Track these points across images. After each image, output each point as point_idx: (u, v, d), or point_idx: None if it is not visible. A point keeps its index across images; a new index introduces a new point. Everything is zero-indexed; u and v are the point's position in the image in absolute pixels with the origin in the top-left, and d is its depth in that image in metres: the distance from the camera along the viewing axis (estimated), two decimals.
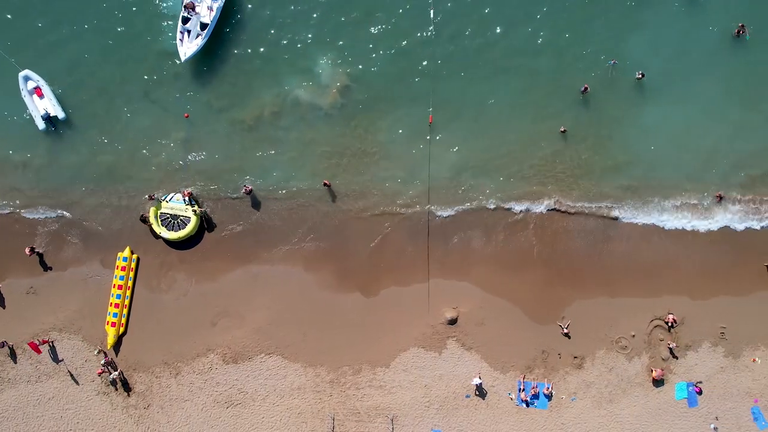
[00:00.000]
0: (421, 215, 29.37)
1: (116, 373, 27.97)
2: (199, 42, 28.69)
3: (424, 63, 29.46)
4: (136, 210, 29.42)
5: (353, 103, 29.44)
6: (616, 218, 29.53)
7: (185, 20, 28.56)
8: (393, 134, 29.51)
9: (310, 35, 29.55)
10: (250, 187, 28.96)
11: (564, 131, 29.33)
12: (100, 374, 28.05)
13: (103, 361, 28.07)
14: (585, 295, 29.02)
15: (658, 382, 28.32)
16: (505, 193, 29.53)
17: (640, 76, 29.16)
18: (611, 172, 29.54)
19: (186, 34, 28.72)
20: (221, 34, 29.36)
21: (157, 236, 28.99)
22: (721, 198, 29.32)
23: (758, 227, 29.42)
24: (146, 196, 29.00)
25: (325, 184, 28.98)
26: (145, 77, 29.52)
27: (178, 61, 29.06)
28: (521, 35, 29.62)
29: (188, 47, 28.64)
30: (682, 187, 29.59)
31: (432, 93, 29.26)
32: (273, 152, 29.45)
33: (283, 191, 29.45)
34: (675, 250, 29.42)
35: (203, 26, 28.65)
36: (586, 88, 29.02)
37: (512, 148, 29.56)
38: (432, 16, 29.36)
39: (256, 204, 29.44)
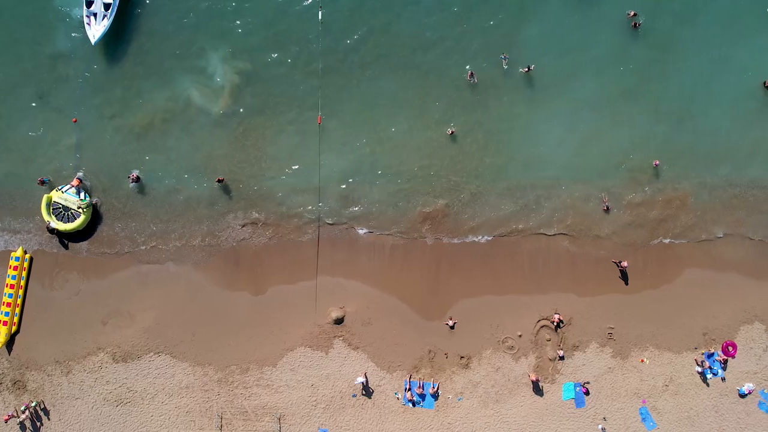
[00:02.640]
0: (311, 215, 29.40)
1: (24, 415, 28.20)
2: (105, 23, 29.01)
3: (314, 64, 29.44)
4: (29, 210, 29.62)
5: (244, 104, 29.45)
6: (506, 217, 29.44)
7: (89, 3, 29.02)
8: (284, 135, 29.52)
9: (202, 38, 29.54)
10: (136, 174, 29.08)
11: (452, 132, 29.27)
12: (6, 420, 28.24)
13: (23, 407, 28.25)
14: (472, 294, 28.99)
15: (536, 386, 28.25)
16: (396, 194, 29.50)
17: (526, 70, 29.06)
18: (501, 171, 29.45)
19: (93, 17, 29.08)
20: (118, 34, 29.42)
21: (51, 230, 29.01)
22: (608, 209, 29.15)
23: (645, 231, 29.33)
24: (37, 181, 29.07)
25: (219, 181, 28.98)
26: (37, 80, 29.57)
27: (71, 61, 29.31)
28: (410, 32, 29.54)
29: (96, 29, 28.97)
30: (568, 188, 29.44)
31: (321, 94, 29.32)
32: (164, 155, 29.49)
33: (175, 192, 29.52)
34: (562, 248, 29.27)
35: (107, 6, 29.02)
36: (471, 74, 28.89)
37: (402, 148, 29.53)
38: (320, 18, 29.38)
39: (146, 203, 29.52)
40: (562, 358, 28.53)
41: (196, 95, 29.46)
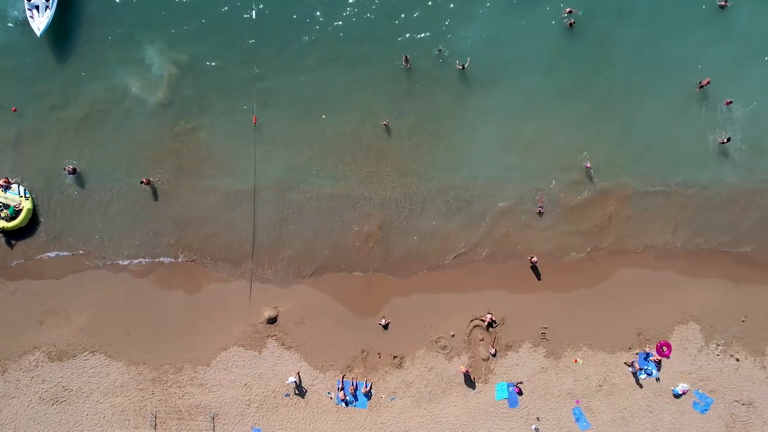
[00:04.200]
0: (246, 214, 29.38)
1: None
2: (49, 14, 29.11)
3: (250, 59, 29.47)
4: None
5: (181, 100, 29.48)
6: (440, 214, 29.40)
7: None
8: (220, 132, 29.52)
9: (140, 30, 29.56)
10: (72, 167, 29.13)
11: (387, 125, 29.19)
12: None
13: None
14: (405, 293, 28.96)
15: (467, 378, 28.17)
16: (333, 191, 29.45)
17: (461, 67, 29.00)
18: (435, 169, 29.38)
19: (35, 10, 29.21)
20: (59, 26, 29.43)
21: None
22: (541, 213, 29.04)
23: (576, 233, 29.19)
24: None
25: (144, 182, 28.96)
26: None
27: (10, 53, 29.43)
28: (346, 25, 29.56)
29: (40, 21, 29.15)
30: (503, 188, 29.36)
31: (256, 92, 29.32)
32: (102, 149, 29.48)
33: (111, 189, 29.48)
34: (497, 248, 29.23)
35: None
36: (406, 58, 28.83)
37: (338, 143, 29.50)
38: (254, 15, 29.39)
39: (83, 200, 29.48)
40: (494, 355, 28.44)
41: (134, 87, 29.44)
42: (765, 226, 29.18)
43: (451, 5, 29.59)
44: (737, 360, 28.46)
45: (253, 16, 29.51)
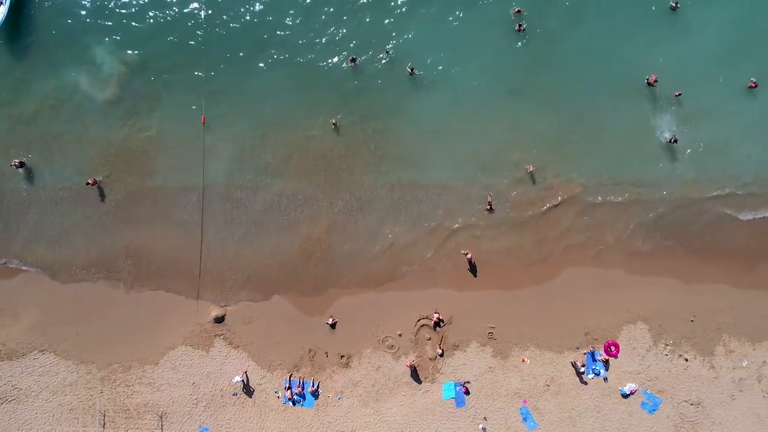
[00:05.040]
0: (195, 212, 29.36)
1: None
2: (3, 10, 29.17)
3: (199, 60, 29.46)
4: None
5: (131, 98, 29.44)
6: (388, 212, 29.35)
7: None
8: (169, 131, 29.50)
9: (92, 28, 29.55)
10: (18, 161, 29.12)
11: (335, 123, 29.12)
12: None
13: None
14: (353, 292, 28.96)
15: (415, 377, 28.11)
16: (282, 190, 29.42)
17: (410, 71, 28.91)
18: (383, 168, 29.30)
19: None
20: (11, 22, 29.50)
21: None
22: (490, 209, 28.94)
23: (524, 231, 29.11)
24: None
25: (90, 183, 28.97)
26: None
27: None
28: (298, 27, 29.45)
29: None
30: (452, 187, 29.27)
31: (205, 92, 29.28)
32: (51, 147, 29.49)
33: (61, 188, 29.52)
34: (444, 245, 29.20)
35: None
36: (353, 59, 28.79)
37: (287, 143, 29.44)
38: (203, 15, 29.36)
39: (32, 199, 29.53)
40: (441, 355, 28.39)
41: (84, 85, 29.43)
42: (713, 225, 28.97)
43: (400, 8, 29.34)
44: (686, 360, 28.31)
45: (202, 16, 29.45)
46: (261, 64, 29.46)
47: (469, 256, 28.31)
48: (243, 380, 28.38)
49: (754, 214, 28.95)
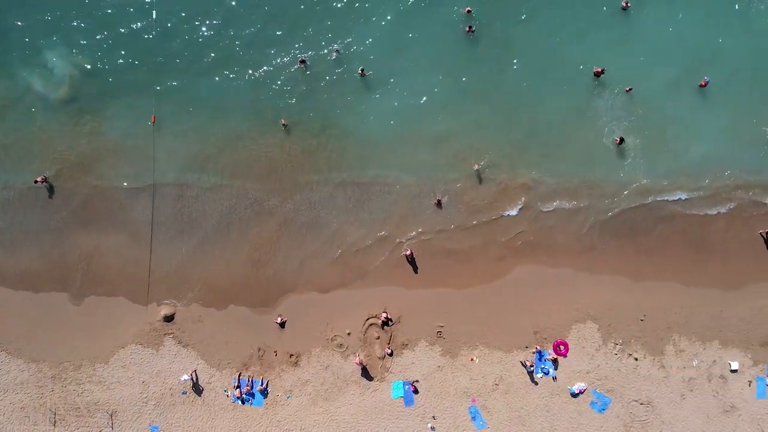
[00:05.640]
0: (145, 211, 29.36)
1: None
2: None
3: (150, 62, 29.46)
4: None
5: (82, 98, 29.37)
6: (339, 212, 29.35)
7: None
8: (119, 130, 29.45)
9: (42, 30, 29.53)
10: None
11: (285, 124, 29.13)
12: None
13: None
14: (302, 291, 28.97)
15: (364, 375, 28.12)
16: (232, 189, 29.38)
17: (361, 72, 28.91)
18: (334, 166, 29.28)
19: None
20: None
21: None
22: (439, 204, 28.92)
23: (475, 230, 29.01)
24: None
25: (39, 181, 28.95)
26: None
27: None
28: (248, 29, 29.40)
29: None
30: (401, 184, 29.24)
31: (155, 91, 29.26)
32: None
33: (5, 188, 29.47)
34: (395, 243, 29.19)
35: None
36: (302, 60, 28.83)
37: (238, 143, 29.38)
38: (154, 16, 29.44)
39: None
40: (390, 354, 28.37)
41: (36, 85, 29.35)
42: (664, 224, 28.84)
43: (351, 9, 29.33)
44: (636, 359, 28.21)
45: (154, 16, 29.50)
46: (211, 66, 29.35)
47: (407, 252, 28.30)
48: (191, 379, 28.42)
49: (704, 212, 28.80)
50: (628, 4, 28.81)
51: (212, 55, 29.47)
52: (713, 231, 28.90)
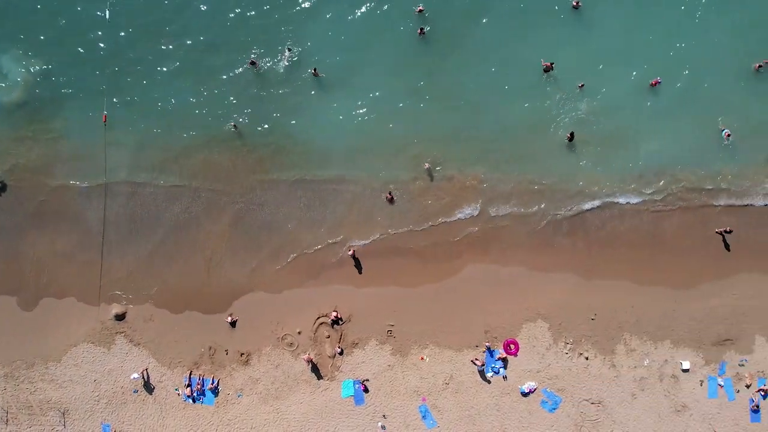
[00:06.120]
0: (97, 210, 29.44)
1: None
2: None
3: (104, 62, 29.64)
4: None
5: (36, 101, 29.66)
6: (289, 213, 29.37)
7: None
8: (73, 132, 29.67)
9: None
10: None
11: (235, 127, 29.19)
12: None
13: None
14: (252, 290, 28.98)
15: (315, 373, 28.11)
16: (184, 189, 29.48)
17: (314, 72, 28.96)
18: (285, 165, 29.35)
19: None
20: None
21: None
22: (392, 198, 28.91)
23: (425, 228, 28.96)
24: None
25: None
26: None
27: None
28: (199, 30, 29.58)
29: None
30: (355, 183, 29.26)
31: (109, 92, 29.44)
32: None
33: None
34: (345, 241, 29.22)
35: None
36: (253, 62, 28.79)
37: (190, 142, 29.54)
38: (107, 16, 29.55)
39: None
40: (341, 353, 28.35)
41: None
42: (615, 221, 28.69)
43: (304, 9, 29.37)
44: (586, 359, 28.08)
45: (107, 16, 29.60)
46: (164, 69, 29.53)
47: (350, 252, 28.31)
48: (142, 377, 28.48)
49: (656, 211, 28.68)
50: (579, 3, 28.74)
51: (165, 58, 29.67)
52: (666, 230, 28.75)
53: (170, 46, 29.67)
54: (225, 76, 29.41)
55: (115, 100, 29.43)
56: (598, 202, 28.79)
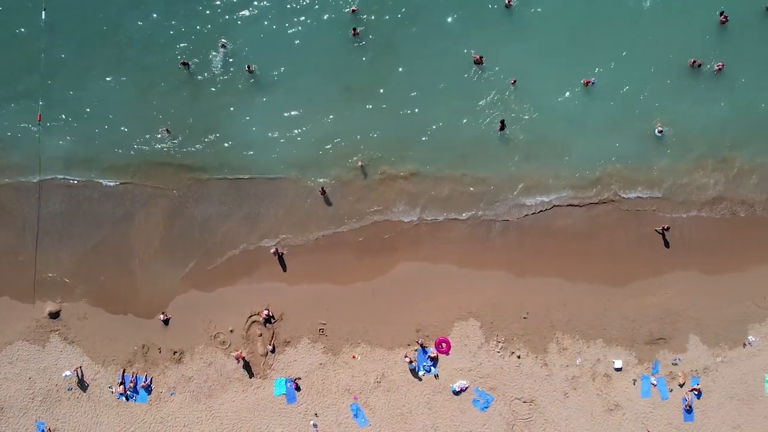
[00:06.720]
0: (30, 208, 29.47)
1: None
2: None
3: (41, 60, 29.62)
4: None
5: None
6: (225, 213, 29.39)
7: None
8: (6, 129, 29.65)
9: None
10: None
11: (168, 132, 29.25)
12: None
13: None
14: (186, 288, 28.98)
15: (245, 366, 28.19)
16: (117, 186, 29.46)
17: (248, 68, 28.94)
18: (219, 164, 29.32)
19: None
20: None
21: None
22: (324, 192, 28.89)
23: (358, 226, 28.94)
24: None
25: None
26: None
27: None
28: (133, 30, 29.59)
29: None
30: (288, 181, 29.27)
31: (42, 91, 29.49)
32: None
33: None
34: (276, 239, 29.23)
35: None
36: (185, 63, 28.96)
37: (123, 142, 29.53)
38: (43, 16, 29.65)
39: None
40: (273, 351, 28.34)
41: None
42: (547, 218, 28.58)
43: (235, 9, 29.39)
44: (518, 357, 27.96)
45: (43, 16, 29.69)
46: (98, 69, 29.48)
47: (273, 251, 28.31)
48: (75, 375, 28.56)
49: (589, 208, 28.54)
50: (511, 2, 28.64)
51: (99, 58, 29.59)
52: (600, 227, 28.62)
53: (105, 46, 29.61)
54: (158, 76, 29.34)
55: (49, 100, 29.37)
56: (531, 199, 28.68)
